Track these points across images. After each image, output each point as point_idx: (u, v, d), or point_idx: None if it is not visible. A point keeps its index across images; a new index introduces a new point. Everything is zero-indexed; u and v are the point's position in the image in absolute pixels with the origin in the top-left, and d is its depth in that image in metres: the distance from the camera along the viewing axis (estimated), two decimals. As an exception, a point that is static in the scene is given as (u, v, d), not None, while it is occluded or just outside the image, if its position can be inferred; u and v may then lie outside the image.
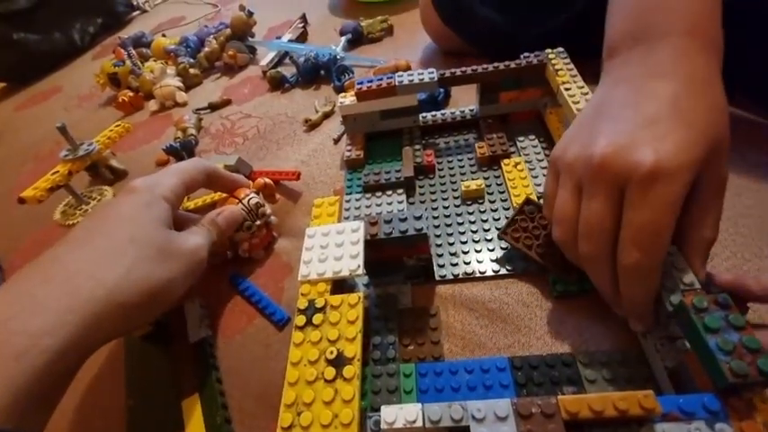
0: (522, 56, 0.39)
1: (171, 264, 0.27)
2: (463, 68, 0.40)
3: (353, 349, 0.23)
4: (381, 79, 0.41)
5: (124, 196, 0.29)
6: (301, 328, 0.25)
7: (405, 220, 0.28)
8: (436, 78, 0.39)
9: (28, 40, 0.97)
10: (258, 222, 0.37)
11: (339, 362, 0.23)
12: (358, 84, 0.41)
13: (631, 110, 0.23)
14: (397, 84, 0.40)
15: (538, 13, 0.44)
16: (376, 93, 0.41)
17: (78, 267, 0.24)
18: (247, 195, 0.37)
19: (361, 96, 0.41)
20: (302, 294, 0.27)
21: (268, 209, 0.39)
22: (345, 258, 0.27)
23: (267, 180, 0.40)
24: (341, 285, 0.28)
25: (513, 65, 0.39)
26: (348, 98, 0.43)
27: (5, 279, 0.45)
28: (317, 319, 0.25)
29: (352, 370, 0.23)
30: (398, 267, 0.31)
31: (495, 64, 0.39)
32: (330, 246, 0.27)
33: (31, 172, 0.65)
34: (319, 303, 0.26)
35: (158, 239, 0.27)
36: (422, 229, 0.27)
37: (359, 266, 0.26)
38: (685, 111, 0.22)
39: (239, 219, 0.35)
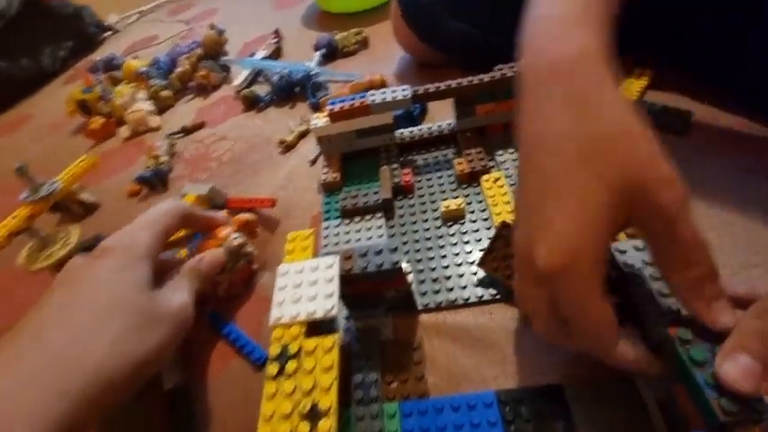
0: (495, 68, 0.38)
1: (158, 329, 0.26)
2: (437, 84, 0.39)
3: (329, 400, 0.22)
4: (354, 99, 0.40)
5: (99, 260, 0.27)
6: (274, 378, 0.24)
7: (380, 253, 0.27)
8: (410, 95, 0.38)
9: (-6, 67, 0.95)
10: (240, 263, 0.36)
11: (314, 415, 0.22)
12: (330, 104, 0.40)
13: (526, 191, 0.22)
14: (370, 103, 0.39)
15: (506, 21, 0.43)
16: (349, 113, 0.40)
17: (62, 348, 0.23)
18: (229, 236, 0.35)
19: (334, 117, 0.40)
20: (275, 339, 0.25)
21: (249, 246, 0.37)
22: (320, 298, 0.25)
23: (249, 217, 0.39)
24: (318, 325, 0.26)
25: (487, 78, 0.38)
26: (321, 119, 0.41)
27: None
28: (290, 366, 0.24)
29: (327, 424, 0.21)
30: (379, 299, 0.30)
31: (470, 78, 0.38)
32: (303, 284, 0.26)
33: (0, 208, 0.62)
34: (293, 349, 0.24)
35: (142, 305, 0.26)
36: (397, 262, 0.26)
37: (333, 307, 0.25)
38: (569, 178, 0.19)
39: (222, 263, 0.34)
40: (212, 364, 0.33)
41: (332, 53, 0.67)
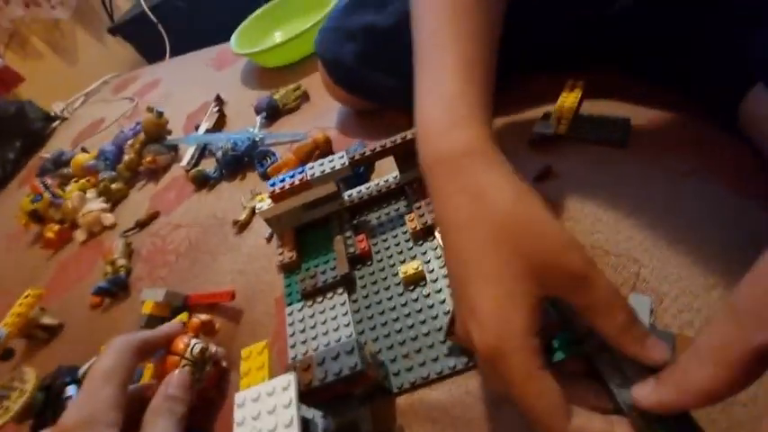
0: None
1: None
2: (372, 146, 0.38)
3: None
4: (294, 176, 0.39)
5: None
6: None
7: (337, 357, 0.26)
8: (347, 163, 0.37)
9: (-58, 188, 0.92)
10: (207, 369, 0.34)
11: None
12: (270, 185, 0.39)
13: (452, 283, 0.23)
14: (309, 178, 0.38)
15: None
16: (291, 191, 0.39)
17: None
18: (188, 345, 0.33)
19: (276, 198, 0.39)
20: (242, 480, 0.23)
21: (212, 347, 0.36)
22: (279, 429, 0.24)
23: (203, 317, 0.38)
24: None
25: (410, 135, 0.37)
26: (265, 202, 0.40)
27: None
28: None
29: None
30: (349, 395, 0.29)
31: (404, 134, 0.37)
32: (262, 415, 0.24)
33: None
34: (261, 490, 0.23)
35: None
36: (356, 365, 0.25)
37: (294, 437, 0.23)
38: (481, 263, 0.20)
39: (188, 379, 0.32)
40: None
41: (274, 113, 0.66)
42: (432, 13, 0.28)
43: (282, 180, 0.39)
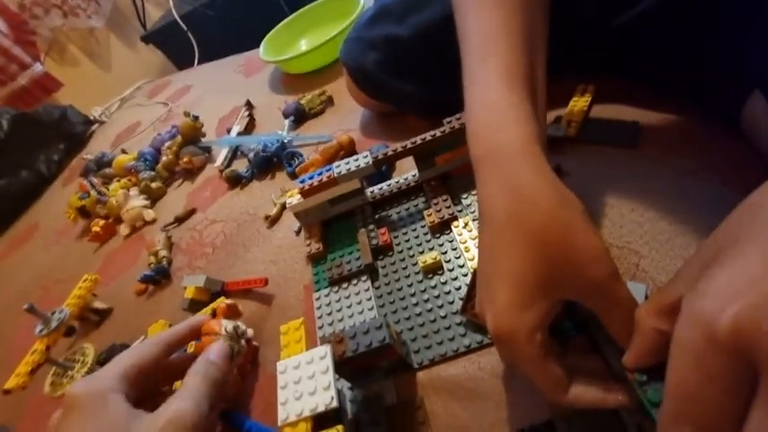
0: (445, 121, 0.41)
1: None
2: (395, 146, 0.41)
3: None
4: (321, 173, 0.43)
5: (69, 418, 0.27)
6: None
7: (367, 332, 0.29)
8: (371, 162, 0.41)
9: (-4, 188, 1.01)
10: (243, 342, 0.37)
11: None
12: (299, 182, 0.43)
13: (479, 268, 0.25)
14: (336, 175, 0.42)
15: (441, 80, 0.46)
16: (318, 188, 0.42)
17: None
18: (221, 325, 0.36)
19: (305, 194, 0.43)
20: (285, 440, 0.27)
21: (242, 325, 0.39)
22: (318, 392, 0.27)
23: (227, 302, 0.42)
24: (323, 414, 0.28)
25: (439, 132, 0.40)
26: (295, 197, 0.44)
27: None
28: (303, 466, 0.26)
29: None
30: (376, 368, 0.32)
31: (423, 136, 0.41)
32: (302, 380, 0.28)
33: (26, 327, 0.66)
34: (302, 447, 0.26)
35: None
36: (384, 339, 0.28)
37: (332, 399, 0.27)
38: (510, 260, 0.22)
39: (227, 350, 0.35)
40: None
41: (301, 117, 0.70)
42: (480, 14, 0.29)
43: (311, 177, 0.42)
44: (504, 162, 0.24)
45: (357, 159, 0.42)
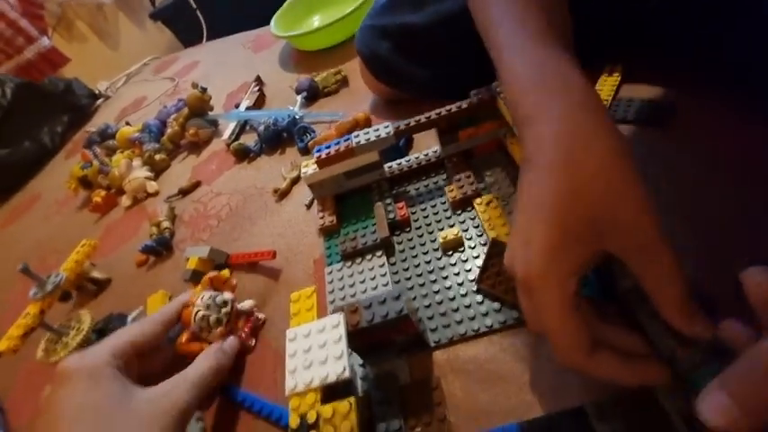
0: (472, 93, 0.39)
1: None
2: (417, 117, 0.39)
3: (352, 466, 0.22)
4: (339, 143, 0.40)
5: (60, 392, 0.27)
6: (297, 449, 0.24)
7: (384, 302, 0.27)
8: (392, 132, 0.39)
9: (-1, 156, 0.98)
10: (225, 311, 0.36)
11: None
12: (316, 152, 0.41)
13: (514, 216, 0.24)
14: (354, 145, 0.39)
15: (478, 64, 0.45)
16: (336, 158, 0.40)
17: None
18: (200, 296, 0.36)
19: (321, 164, 0.41)
20: (293, 409, 0.25)
21: (228, 295, 0.37)
22: (330, 361, 0.25)
23: (213, 274, 0.40)
24: (333, 386, 0.26)
25: (465, 105, 0.38)
26: (310, 167, 0.42)
27: (9, 421, 0.44)
28: (310, 437, 0.24)
29: (354, 491, 0.21)
30: (390, 344, 0.30)
31: (448, 107, 0.38)
32: (313, 348, 0.26)
33: (22, 291, 0.64)
34: (311, 418, 0.24)
35: (114, 415, 0.26)
36: (402, 310, 0.26)
37: (344, 369, 0.25)
38: (549, 209, 0.21)
39: (238, 344, 0.35)
40: (236, 430, 0.33)
41: (314, 95, 0.68)
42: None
43: (328, 147, 0.40)
44: (559, 107, 0.22)
45: (377, 130, 0.40)
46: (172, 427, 0.27)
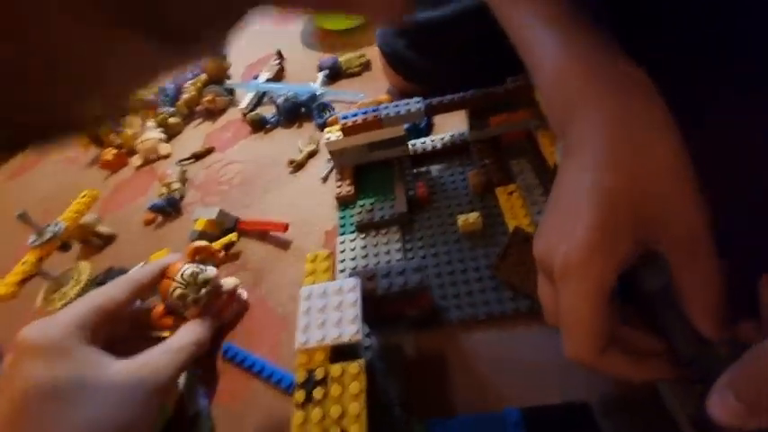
0: (509, 79, 0.38)
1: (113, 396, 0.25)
2: (450, 96, 0.38)
3: (359, 429, 0.21)
4: (366, 112, 0.40)
5: (22, 366, 0.25)
6: (302, 406, 0.23)
7: (403, 272, 0.26)
8: (423, 108, 0.38)
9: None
10: (204, 291, 0.33)
11: (346, 444, 0.21)
12: (343, 118, 0.40)
13: (553, 203, 0.23)
14: (382, 116, 0.39)
15: (474, 61, 0.45)
16: (362, 127, 0.40)
17: None
18: (180, 269, 0.33)
19: (347, 131, 0.40)
20: (300, 365, 0.25)
21: (211, 272, 0.35)
22: (344, 322, 0.25)
23: (198, 244, 0.38)
24: (341, 348, 0.26)
25: (501, 89, 0.37)
26: (334, 133, 0.41)
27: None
28: (317, 393, 0.23)
29: (360, 453, 0.21)
30: (400, 317, 0.30)
31: (483, 89, 0.38)
32: (327, 308, 0.26)
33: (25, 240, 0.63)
34: (319, 375, 0.24)
35: (103, 380, 0.25)
36: (422, 281, 0.26)
37: (358, 331, 0.24)
38: (591, 192, 0.20)
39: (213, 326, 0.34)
40: (234, 389, 0.33)
41: (336, 74, 0.67)
42: None
43: (355, 114, 0.39)
44: (608, 92, 0.21)
45: (408, 104, 0.39)
46: (154, 395, 0.27)
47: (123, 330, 0.32)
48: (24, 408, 0.23)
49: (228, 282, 0.37)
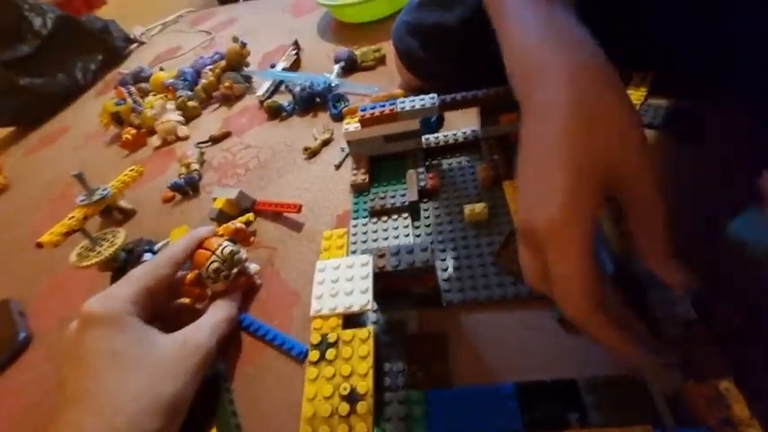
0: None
1: (175, 372, 0.29)
2: (463, 93, 0.40)
3: (366, 385, 0.24)
4: (384, 106, 0.42)
5: (88, 335, 0.28)
6: (315, 364, 0.26)
7: (411, 252, 0.29)
8: (437, 103, 0.40)
9: (33, 85, 1.00)
10: (235, 270, 0.36)
11: (352, 398, 0.24)
12: (361, 110, 0.42)
13: (523, 173, 0.24)
14: (399, 110, 0.41)
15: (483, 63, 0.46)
16: (379, 119, 0.42)
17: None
18: (221, 245, 0.36)
19: (364, 123, 0.42)
20: (315, 329, 0.27)
21: (244, 254, 0.38)
22: (356, 293, 0.27)
23: (239, 225, 0.40)
24: (351, 317, 0.28)
25: (511, 89, 0.39)
26: (352, 124, 0.44)
27: (30, 326, 0.46)
28: (330, 354, 0.26)
29: (365, 406, 0.23)
30: (406, 294, 0.32)
31: (495, 88, 0.40)
32: (340, 280, 0.28)
33: (46, 216, 0.66)
34: (332, 338, 0.26)
35: (153, 354, 0.29)
36: (428, 260, 0.28)
37: (368, 302, 0.27)
38: (566, 151, 0.21)
39: (235, 307, 0.36)
40: (249, 355, 0.35)
41: (351, 66, 0.69)
42: None
43: (373, 107, 0.42)
44: (570, 60, 0.23)
45: (423, 99, 0.41)
46: (199, 367, 0.30)
47: (163, 302, 0.35)
48: (92, 372, 0.27)
49: (252, 267, 0.40)
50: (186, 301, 0.37)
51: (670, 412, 0.23)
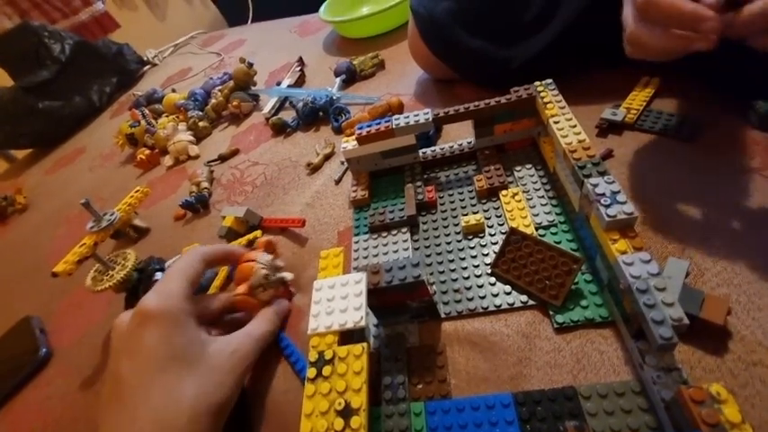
0: (512, 90, 0.40)
1: (219, 377, 0.29)
2: (456, 107, 0.41)
3: (359, 400, 0.24)
4: (380, 123, 0.43)
5: (146, 331, 0.29)
6: (312, 380, 0.26)
7: (403, 267, 0.30)
8: (431, 119, 0.41)
9: (52, 108, 1.05)
10: (278, 276, 0.38)
11: (347, 413, 0.24)
12: (358, 129, 0.43)
13: None
14: (394, 126, 0.42)
15: (524, 38, 0.45)
16: (375, 136, 0.43)
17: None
18: (260, 256, 0.38)
19: (361, 141, 0.43)
20: (312, 347, 0.28)
21: (280, 262, 0.40)
22: (350, 310, 0.28)
23: (266, 238, 0.43)
24: (350, 334, 0.29)
25: (503, 100, 0.40)
26: (350, 142, 0.45)
27: (50, 342, 0.49)
28: (326, 370, 0.27)
29: (358, 420, 0.24)
30: (405, 308, 0.33)
31: (487, 101, 0.40)
32: (336, 298, 0.29)
33: (64, 236, 0.69)
34: (328, 355, 0.27)
35: (205, 358, 0.29)
36: (419, 276, 0.29)
37: (362, 318, 0.27)
38: None
39: (286, 311, 0.38)
40: (259, 370, 0.36)
41: (351, 78, 0.71)
42: None
43: (369, 125, 0.43)
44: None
45: (417, 115, 0.42)
46: (242, 377, 0.31)
47: (214, 316, 0.36)
48: (152, 370, 0.27)
49: (288, 275, 0.41)
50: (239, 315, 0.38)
51: (668, 418, 0.23)
